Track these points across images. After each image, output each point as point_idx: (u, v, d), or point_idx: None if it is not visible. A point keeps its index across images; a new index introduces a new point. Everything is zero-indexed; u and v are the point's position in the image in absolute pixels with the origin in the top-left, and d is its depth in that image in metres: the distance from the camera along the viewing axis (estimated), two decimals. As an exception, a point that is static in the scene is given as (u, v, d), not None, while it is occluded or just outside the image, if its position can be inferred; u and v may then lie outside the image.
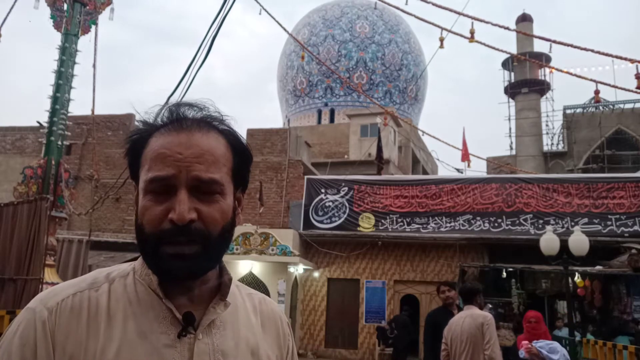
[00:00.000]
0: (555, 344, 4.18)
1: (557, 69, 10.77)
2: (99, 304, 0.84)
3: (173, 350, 0.83)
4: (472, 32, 8.73)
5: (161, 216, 0.83)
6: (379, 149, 18.00)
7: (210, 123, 0.90)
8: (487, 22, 8.69)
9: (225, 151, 0.89)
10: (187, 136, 0.86)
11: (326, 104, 31.38)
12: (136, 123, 0.93)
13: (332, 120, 30.70)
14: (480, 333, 4.37)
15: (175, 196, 0.83)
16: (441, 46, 9.61)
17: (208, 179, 0.84)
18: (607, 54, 8.06)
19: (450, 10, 8.82)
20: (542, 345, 4.14)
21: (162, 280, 0.85)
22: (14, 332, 0.80)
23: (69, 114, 8.93)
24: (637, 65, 7.67)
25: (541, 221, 13.78)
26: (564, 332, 10.08)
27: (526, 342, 4.52)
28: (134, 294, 0.86)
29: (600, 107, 27.07)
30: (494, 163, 23.13)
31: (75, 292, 0.84)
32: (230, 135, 0.91)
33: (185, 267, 0.83)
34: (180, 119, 0.88)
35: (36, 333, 0.79)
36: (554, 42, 8.48)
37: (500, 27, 8.72)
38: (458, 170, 21.47)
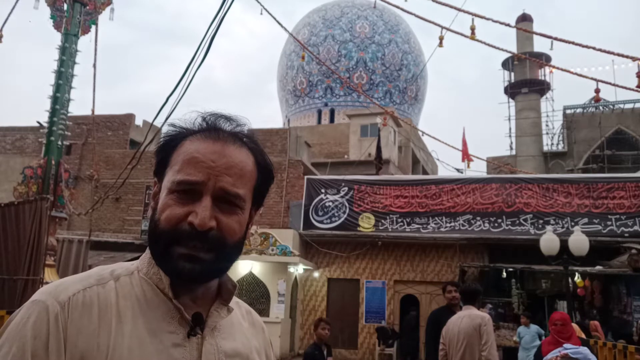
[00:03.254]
0: (585, 350, 4.03)
1: (557, 68, 10.74)
2: (108, 300, 0.84)
3: (182, 349, 0.85)
4: (472, 29, 8.70)
5: (181, 217, 0.85)
6: (378, 149, 18.00)
7: (243, 139, 0.93)
8: (488, 19, 8.66)
9: (253, 169, 0.92)
10: (222, 146, 0.89)
11: (326, 104, 31.38)
12: (168, 126, 0.95)
13: (332, 120, 30.70)
14: (478, 333, 4.37)
15: (200, 202, 0.85)
16: (440, 45, 9.60)
17: (234, 193, 0.87)
18: (608, 52, 8.04)
19: (450, 6, 8.81)
20: (572, 351, 4.02)
21: (173, 281, 0.87)
22: (23, 323, 0.79)
23: (69, 114, 8.92)
24: (638, 64, 7.65)
25: (541, 221, 13.78)
26: (532, 329, 9.75)
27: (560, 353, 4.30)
28: (141, 292, 0.87)
29: (600, 107, 27.06)
30: (494, 163, 23.12)
31: (85, 288, 0.84)
32: (259, 155, 0.94)
33: (196, 270, 0.84)
34: (217, 128, 0.91)
35: (49, 327, 0.78)
36: (555, 39, 8.44)
37: (501, 23, 8.68)
38: (458, 170, 21.48)
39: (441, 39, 9.49)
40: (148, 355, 0.81)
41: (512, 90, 30.93)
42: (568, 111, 28.42)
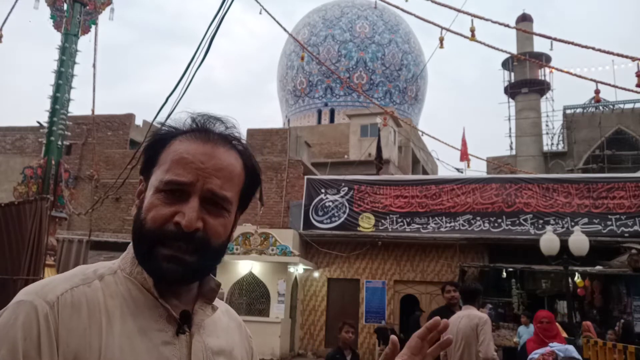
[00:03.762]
0: (571, 348, 3.97)
1: (557, 69, 10.75)
2: (95, 299, 0.83)
3: (172, 347, 0.85)
4: (472, 30, 8.70)
5: (167, 217, 0.84)
6: (379, 149, 18.00)
7: (232, 142, 0.93)
8: (487, 20, 8.66)
9: (241, 172, 0.92)
10: (212, 148, 0.89)
11: (326, 104, 31.37)
12: (158, 125, 0.96)
13: (332, 120, 30.70)
14: (475, 334, 4.39)
15: (187, 202, 0.85)
16: (441, 46, 9.59)
17: (222, 195, 0.87)
18: (607, 52, 8.05)
19: (450, 7, 8.81)
20: (559, 349, 3.95)
21: (156, 282, 0.86)
22: (10, 324, 0.76)
23: (69, 114, 8.92)
24: (637, 64, 7.65)
25: (541, 221, 13.78)
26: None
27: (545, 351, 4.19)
28: (126, 291, 0.87)
29: (600, 107, 27.06)
30: (494, 163, 23.10)
31: (72, 287, 0.83)
32: (247, 158, 0.94)
33: (180, 271, 0.84)
34: (207, 130, 0.91)
35: (39, 327, 0.76)
36: (554, 39, 8.44)
37: (500, 24, 8.68)
38: (458, 170, 21.48)
39: (441, 40, 9.47)
40: (139, 353, 0.81)
41: (512, 90, 30.92)
42: (568, 111, 28.41)
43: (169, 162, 0.87)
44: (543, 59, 23.16)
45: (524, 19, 30.15)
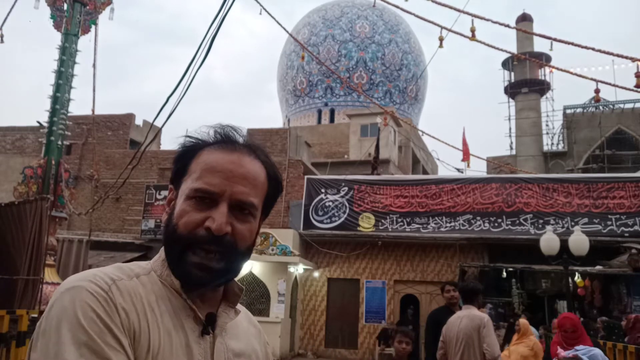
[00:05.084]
0: (597, 351, 3.85)
1: (557, 68, 10.76)
2: (139, 294, 0.87)
3: (198, 346, 0.90)
4: (472, 31, 8.71)
5: (199, 222, 0.90)
6: (376, 149, 18.00)
7: (256, 152, 0.99)
8: (487, 20, 8.66)
9: (264, 180, 0.98)
10: (239, 157, 0.95)
11: (326, 104, 31.38)
12: (185, 137, 0.99)
13: (332, 120, 30.70)
14: (477, 334, 4.38)
15: (216, 208, 0.90)
16: (440, 46, 9.58)
17: (249, 202, 0.93)
18: (607, 52, 8.05)
19: (450, 7, 8.81)
20: (583, 352, 3.85)
21: (183, 285, 0.92)
22: (71, 308, 0.78)
23: (69, 114, 8.93)
24: (637, 64, 7.65)
25: (541, 221, 13.79)
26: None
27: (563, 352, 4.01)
28: (160, 291, 0.91)
29: (600, 107, 27.05)
30: (494, 163, 23.10)
31: (119, 279, 0.87)
32: (270, 168, 1.00)
33: (206, 277, 0.90)
34: (233, 140, 0.98)
35: (100, 309, 0.79)
36: (554, 39, 8.44)
37: (500, 24, 8.69)
38: (458, 170, 21.46)
39: (441, 39, 9.47)
40: (176, 348, 0.86)
41: (512, 90, 30.93)
42: (568, 111, 28.41)
43: (199, 171, 0.93)
44: (543, 59, 23.15)
45: (524, 18, 30.16)
